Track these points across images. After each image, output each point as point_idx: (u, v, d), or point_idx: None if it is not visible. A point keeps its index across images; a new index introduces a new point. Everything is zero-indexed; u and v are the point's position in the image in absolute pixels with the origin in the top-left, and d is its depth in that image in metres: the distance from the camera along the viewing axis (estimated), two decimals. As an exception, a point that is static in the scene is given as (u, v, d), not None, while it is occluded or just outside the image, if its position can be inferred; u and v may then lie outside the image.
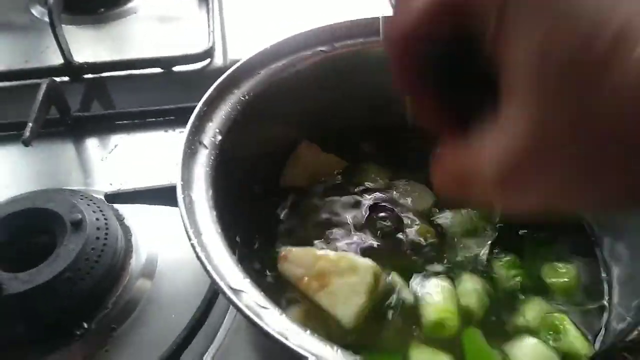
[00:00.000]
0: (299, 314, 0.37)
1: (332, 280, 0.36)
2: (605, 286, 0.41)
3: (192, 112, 0.67)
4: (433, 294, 0.39)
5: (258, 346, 0.47)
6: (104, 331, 0.47)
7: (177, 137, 0.67)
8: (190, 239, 0.30)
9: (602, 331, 0.39)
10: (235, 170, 0.40)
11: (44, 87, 0.58)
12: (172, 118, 0.68)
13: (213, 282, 0.28)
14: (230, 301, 0.27)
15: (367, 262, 0.37)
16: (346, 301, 0.35)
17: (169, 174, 0.61)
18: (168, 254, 0.54)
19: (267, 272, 0.41)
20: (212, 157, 0.37)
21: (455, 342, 0.38)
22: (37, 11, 0.84)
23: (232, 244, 0.33)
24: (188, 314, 0.46)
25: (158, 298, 0.50)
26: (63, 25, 0.74)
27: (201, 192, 0.34)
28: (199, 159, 0.36)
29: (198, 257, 0.29)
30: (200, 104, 0.39)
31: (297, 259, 0.38)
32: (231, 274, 0.29)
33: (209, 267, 0.28)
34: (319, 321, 0.36)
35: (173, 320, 0.48)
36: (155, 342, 0.46)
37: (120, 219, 0.55)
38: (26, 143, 0.53)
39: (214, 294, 0.47)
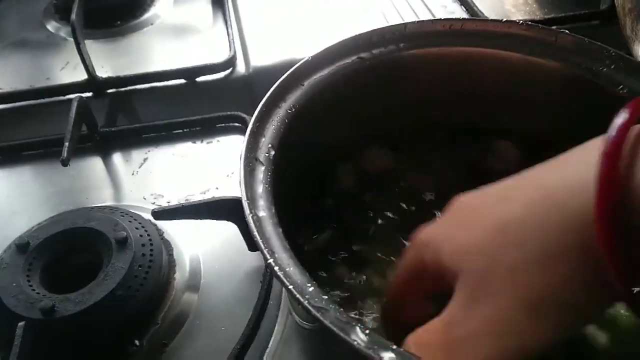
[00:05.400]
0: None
1: None
2: None
3: (218, 122, 0.68)
4: None
5: (309, 354, 0.48)
6: (156, 348, 0.47)
7: (205, 148, 0.67)
8: (266, 259, 0.30)
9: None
10: (290, 184, 0.40)
11: (75, 104, 0.58)
12: (198, 129, 0.69)
13: (298, 302, 0.28)
14: (318, 320, 0.27)
15: None
16: None
17: (201, 186, 0.62)
18: (211, 266, 0.54)
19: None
20: (269, 174, 0.37)
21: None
22: (52, 26, 0.83)
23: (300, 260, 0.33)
24: (238, 324, 0.47)
25: (206, 311, 0.51)
26: (80, 40, 0.74)
27: (265, 210, 0.34)
28: (258, 176, 0.36)
29: (277, 277, 0.29)
30: (252, 121, 0.39)
31: None
32: (311, 293, 0.29)
33: (291, 287, 0.29)
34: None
35: (223, 333, 0.48)
36: (208, 355, 0.47)
37: (160, 233, 0.55)
38: (64, 163, 0.53)
39: (263, 303, 0.48)
